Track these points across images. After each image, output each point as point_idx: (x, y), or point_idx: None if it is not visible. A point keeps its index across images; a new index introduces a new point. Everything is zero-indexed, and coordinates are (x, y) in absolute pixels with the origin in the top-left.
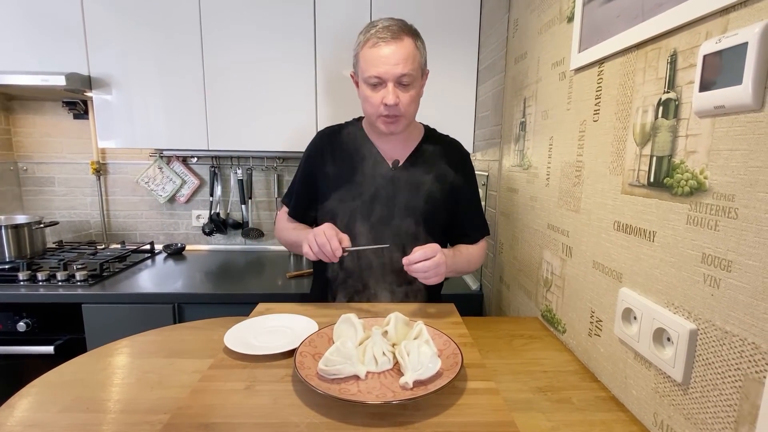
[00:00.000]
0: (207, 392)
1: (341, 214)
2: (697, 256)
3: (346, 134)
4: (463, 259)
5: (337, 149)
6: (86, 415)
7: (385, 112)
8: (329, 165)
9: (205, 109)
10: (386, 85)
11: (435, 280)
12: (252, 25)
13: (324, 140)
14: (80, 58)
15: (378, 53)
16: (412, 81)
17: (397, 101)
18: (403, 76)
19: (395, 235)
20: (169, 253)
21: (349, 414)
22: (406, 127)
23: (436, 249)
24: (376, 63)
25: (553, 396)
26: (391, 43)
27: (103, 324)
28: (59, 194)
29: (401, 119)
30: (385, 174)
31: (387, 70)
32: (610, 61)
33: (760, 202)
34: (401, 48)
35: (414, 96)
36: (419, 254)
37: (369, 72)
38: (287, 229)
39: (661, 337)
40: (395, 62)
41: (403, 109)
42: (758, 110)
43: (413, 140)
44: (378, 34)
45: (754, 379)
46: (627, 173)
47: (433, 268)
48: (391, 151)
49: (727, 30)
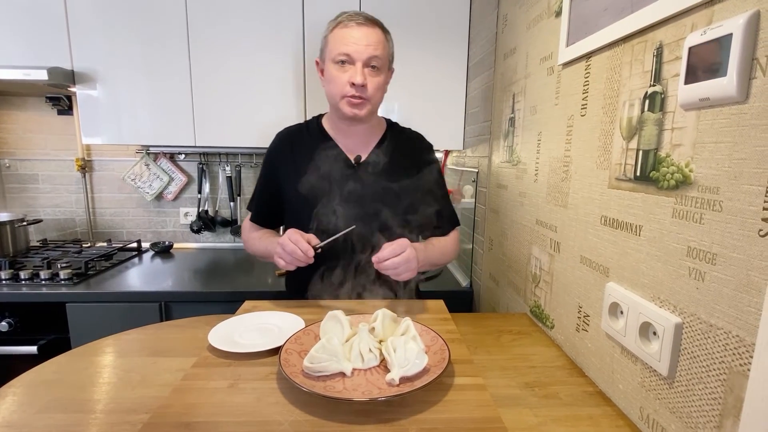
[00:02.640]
0: (189, 391)
1: (306, 214)
2: (683, 250)
3: (305, 133)
4: (437, 252)
5: (298, 149)
6: (65, 415)
7: (351, 92)
8: (291, 165)
9: (192, 104)
10: (355, 65)
11: (407, 275)
12: (239, 20)
13: (283, 141)
14: (63, 52)
15: (349, 32)
16: (380, 66)
17: (364, 81)
18: (373, 57)
19: (362, 232)
20: (156, 252)
21: (334, 411)
22: (370, 115)
23: (405, 244)
24: (347, 42)
25: (540, 391)
26: (363, 25)
27: (88, 323)
28: (43, 191)
29: (366, 104)
30: (347, 170)
31: (357, 49)
32: (597, 55)
33: (744, 194)
34: (373, 32)
35: (381, 83)
36: (388, 251)
37: (338, 49)
38: (253, 239)
39: (647, 331)
40: (366, 43)
41: (370, 92)
42: (743, 102)
43: (375, 135)
44: (350, 17)
45: (738, 371)
46: (614, 167)
47: (404, 264)
48: (352, 146)
49: (712, 22)
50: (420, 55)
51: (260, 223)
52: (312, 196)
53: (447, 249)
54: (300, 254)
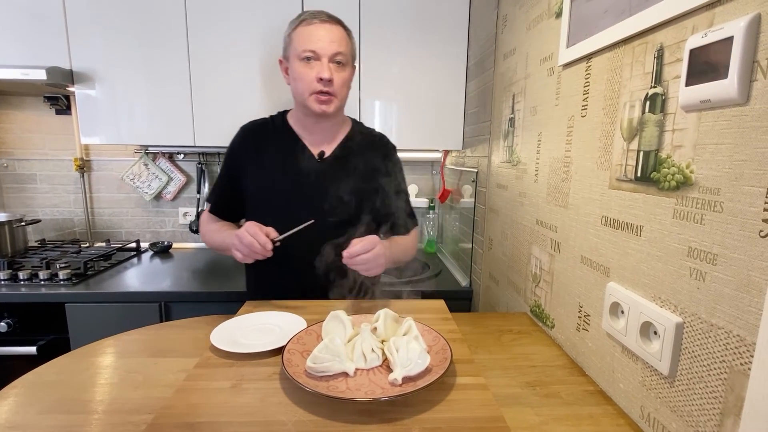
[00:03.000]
0: (192, 391)
1: (269, 209)
2: (684, 250)
3: (270, 128)
4: (399, 249)
5: (262, 143)
6: (68, 416)
7: (319, 87)
8: (254, 160)
9: (191, 104)
10: (321, 60)
11: (376, 271)
12: (239, 19)
13: (247, 135)
14: (62, 51)
15: (314, 30)
16: (345, 62)
17: (332, 76)
18: (337, 54)
19: (324, 228)
20: (155, 251)
21: (338, 411)
22: (337, 111)
23: (375, 241)
24: (312, 39)
25: (541, 390)
26: (327, 23)
27: (87, 324)
28: (41, 191)
29: (334, 99)
30: (311, 166)
31: (322, 46)
32: (598, 56)
33: (745, 195)
34: (336, 30)
35: (346, 79)
36: (359, 247)
37: (304, 46)
38: (211, 231)
39: (648, 330)
40: (330, 40)
41: (337, 88)
42: (743, 104)
43: (340, 132)
44: (313, 15)
45: (739, 371)
46: (614, 168)
47: (373, 260)
48: (317, 142)
49: (713, 24)
50: (419, 54)
51: (219, 215)
52: (275, 191)
53: (408, 247)
54: (258, 247)
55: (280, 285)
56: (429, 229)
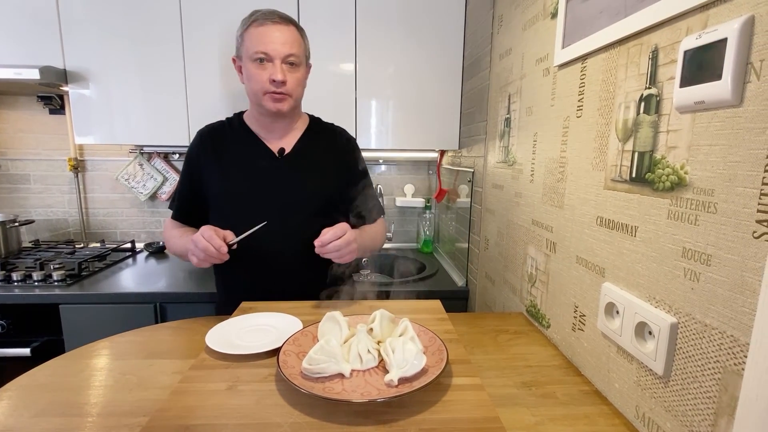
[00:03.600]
0: (188, 393)
1: (231, 211)
2: (678, 251)
3: (227, 129)
4: (368, 237)
5: (219, 146)
6: (62, 419)
7: (272, 88)
8: (213, 163)
9: (187, 103)
10: (274, 62)
11: (349, 257)
12: (234, 18)
13: (204, 138)
14: (55, 50)
15: (266, 31)
16: (298, 63)
17: (284, 78)
18: (290, 55)
19: (288, 224)
20: (150, 252)
21: (334, 413)
22: (292, 110)
23: (345, 227)
24: (264, 40)
25: (537, 391)
26: (279, 24)
27: (82, 325)
28: (35, 192)
29: (288, 98)
30: (271, 164)
31: (275, 48)
32: (593, 57)
33: (739, 196)
34: (288, 31)
35: (300, 78)
36: (330, 234)
37: (256, 48)
38: (173, 237)
39: (642, 331)
40: (282, 41)
41: (291, 88)
42: (737, 105)
43: (298, 129)
44: (265, 15)
45: (732, 371)
46: (609, 169)
47: (345, 246)
48: (276, 141)
49: (707, 26)
50: (415, 55)
51: (182, 220)
52: (236, 192)
53: (377, 236)
54: (212, 251)
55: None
56: (425, 229)
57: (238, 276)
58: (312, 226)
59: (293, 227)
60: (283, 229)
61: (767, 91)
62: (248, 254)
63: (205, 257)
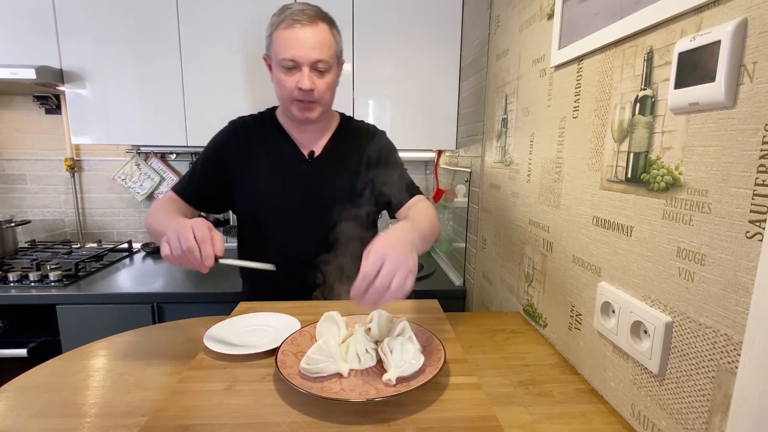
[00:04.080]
0: (186, 393)
1: (257, 209)
2: (673, 250)
3: (260, 124)
4: (422, 220)
5: (251, 140)
6: (60, 419)
7: (299, 96)
8: (243, 158)
9: (184, 103)
10: (301, 69)
11: (410, 280)
12: (232, 17)
13: (238, 131)
14: (51, 50)
15: (293, 35)
16: (328, 67)
17: (312, 86)
18: (318, 61)
19: (314, 228)
20: (147, 252)
21: (332, 412)
22: (322, 114)
23: (380, 251)
24: (292, 45)
25: (534, 389)
26: (307, 26)
27: (79, 325)
28: (31, 192)
29: (316, 105)
30: (300, 166)
31: (302, 53)
32: (589, 58)
33: (732, 197)
34: (317, 33)
35: (330, 83)
36: (361, 275)
37: (283, 54)
38: (159, 211)
39: (638, 329)
40: (311, 46)
41: (319, 95)
42: (731, 107)
43: (329, 129)
44: (293, 15)
45: (726, 369)
46: (605, 169)
47: (393, 275)
48: (306, 141)
49: (701, 28)
50: (412, 55)
51: (186, 199)
52: (264, 191)
53: (430, 216)
54: (197, 257)
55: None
56: None
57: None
58: (340, 230)
59: (320, 231)
60: (309, 234)
61: (760, 93)
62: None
63: (181, 256)
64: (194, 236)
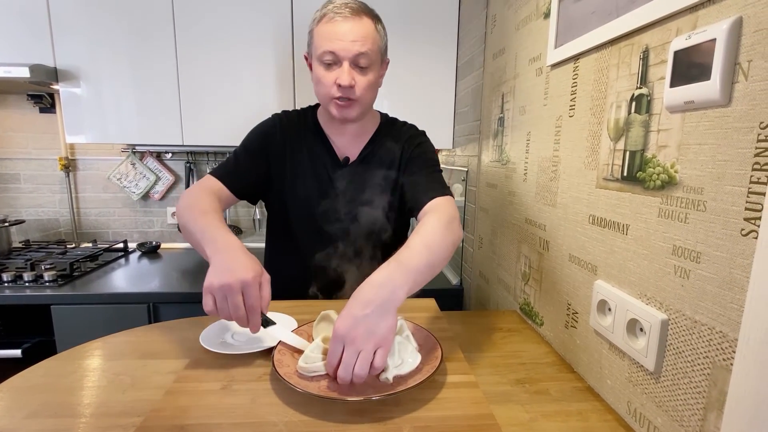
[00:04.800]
0: (182, 393)
1: (286, 208)
2: (668, 248)
3: (302, 123)
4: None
5: (292, 137)
6: (55, 420)
7: (338, 93)
8: (282, 152)
9: (179, 102)
10: (341, 65)
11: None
12: (227, 15)
13: (282, 123)
14: (45, 48)
15: (334, 28)
16: (369, 63)
17: (352, 83)
18: (360, 55)
19: (344, 239)
20: (143, 252)
21: (329, 411)
22: (361, 115)
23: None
24: (332, 38)
25: (531, 387)
26: (350, 19)
27: (74, 326)
28: (25, 191)
29: (356, 104)
30: (334, 172)
31: (343, 46)
32: (585, 57)
33: (727, 194)
34: (360, 26)
35: (371, 81)
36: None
37: (323, 47)
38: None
39: (634, 327)
40: (353, 39)
41: (359, 93)
42: (725, 105)
43: (368, 132)
44: (336, 9)
45: (722, 366)
46: (601, 168)
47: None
48: (343, 145)
49: (696, 27)
50: (409, 54)
51: (228, 184)
52: (297, 194)
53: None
54: (244, 323)
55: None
56: None
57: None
58: (368, 238)
59: (347, 238)
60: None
61: (755, 91)
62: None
63: (227, 316)
64: (244, 303)
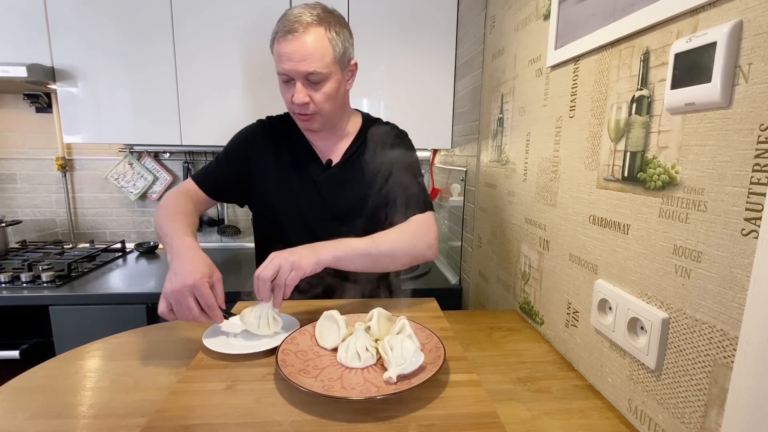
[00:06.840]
0: (186, 393)
1: (271, 211)
2: (669, 248)
3: (286, 127)
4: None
5: (276, 141)
6: (57, 421)
7: (297, 109)
8: (265, 156)
9: (178, 102)
10: (295, 83)
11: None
12: (226, 15)
13: (265, 128)
14: (42, 48)
15: (284, 49)
16: (322, 79)
17: (306, 100)
18: (309, 74)
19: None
20: (141, 252)
21: (333, 410)
22: (327, 124)
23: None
24: (282, 59)
25: (532, 386)
26: (298, 36)
27: (72, 326)
28: (22, 191)
29: (316, 117)
30: (318, 176)
31: (292, 67)
32: (586, 58)
33: (728, 195)
34: (308, 43)
35: (329, 93)
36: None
37: (277, 67)
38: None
39: (635, 326)
40: (300, 59)
41: (316, 107)
42: (726, 107)
43: (349, 135)
44: (284, 27)
45: (722, 364)
46: (602, 168)
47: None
48: (325, 148)
49: (697, 29)
50: (408, 54)
51: (205, 188)
52: (282, 193)
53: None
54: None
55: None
56: None
57: None
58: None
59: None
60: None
61: (755, 94)
62: None
63: (179, 312)
64: (198, 304)
